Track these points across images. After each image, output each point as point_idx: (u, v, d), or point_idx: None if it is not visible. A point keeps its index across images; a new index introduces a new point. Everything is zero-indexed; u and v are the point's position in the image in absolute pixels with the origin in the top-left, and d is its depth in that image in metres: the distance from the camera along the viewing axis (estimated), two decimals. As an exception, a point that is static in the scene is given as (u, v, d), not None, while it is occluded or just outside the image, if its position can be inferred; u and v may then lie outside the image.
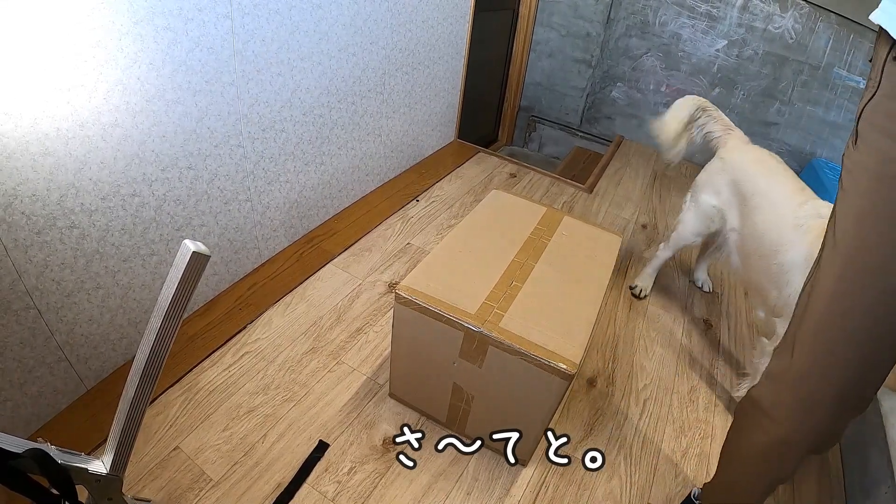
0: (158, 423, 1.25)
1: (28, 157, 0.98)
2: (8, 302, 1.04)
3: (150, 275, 1.33)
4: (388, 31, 1.88)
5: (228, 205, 1.51)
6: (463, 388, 1.21)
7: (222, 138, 1.39)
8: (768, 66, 2.53)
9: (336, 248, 1.89)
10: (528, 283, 1.20)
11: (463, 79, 2.54)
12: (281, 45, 1.45)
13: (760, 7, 2.42)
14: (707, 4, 2.53)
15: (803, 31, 2.39)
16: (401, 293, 1.13)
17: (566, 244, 1.36)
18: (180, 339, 1.46)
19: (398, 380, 1.35)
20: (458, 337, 1.11)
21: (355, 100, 1.86)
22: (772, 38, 2.46)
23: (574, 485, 1.27)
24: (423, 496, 1.19)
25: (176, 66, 1.19)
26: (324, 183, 1.89)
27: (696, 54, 2.67)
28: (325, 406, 1.35)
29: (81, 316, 1.20)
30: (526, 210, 1.48)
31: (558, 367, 1.01)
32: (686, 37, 2.65)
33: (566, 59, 3.05)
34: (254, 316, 1.57)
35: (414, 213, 2.15)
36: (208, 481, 1.16)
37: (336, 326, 1.58)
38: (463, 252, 1.27)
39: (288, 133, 1.62)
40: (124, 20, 1.04)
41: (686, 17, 2.61)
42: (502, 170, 2.58)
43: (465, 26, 2.37)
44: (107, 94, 1.07)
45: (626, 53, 2.85)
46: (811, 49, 2.41)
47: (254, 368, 1.42)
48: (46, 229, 1.06)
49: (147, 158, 1.21)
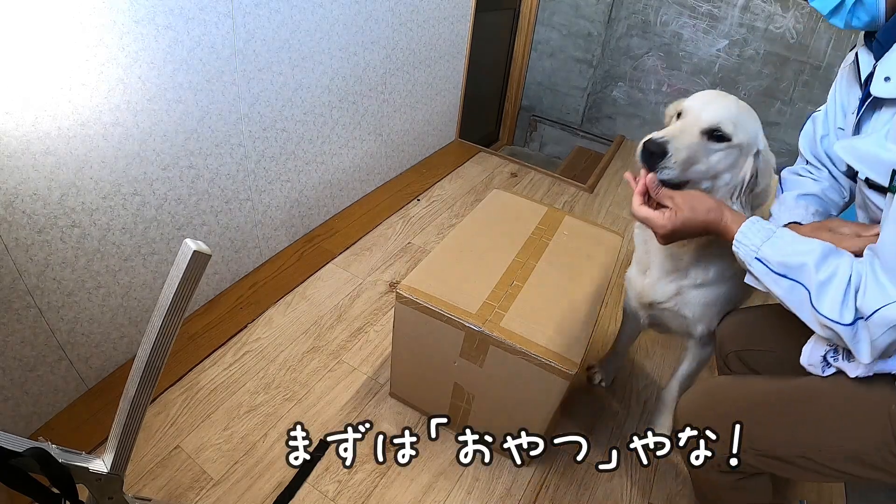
0: (159, 423, 1.26)
1: (29, 155, 0.98)
2: (9, 301, 1.04)
3: (150, 274, 1.33)
4: (390, 31, 1.87)
5: (229, 204, 1.51)
6: (463, 388, 1.21)
7: (223, 137, 1.39)
8: (769, 66, 2.52)
9: (337, 247, 1.89)
10: (528, 282, 1.20)
11: (464, 78, 2.54)
12: (282, 44, 1.45)
13: (762, 7, 2.42)
14: (708, 4, 2.53)
15: (804, 31, 2.38)
16: (402, 293, 1.13)
17: (567, 244, 1.36)
18: (181, 339, 1.46)
19: (399, 379, 1.35)
20: (459, 336, 1.11)
21: (356, 99, 1.86)
22: (773, 37, 2.46)
23: (574, 485, 1.26)
24: (423, 495, 1.19)
25: (177, 65, 1.19)
26: (325, 182, 1.89)
27: (698, 54, 2.67)
28: (326, 405, 1.35)
29: (82, 315, 1.20)
30: (527, 210, 1.48)
31: (559, 366, 1.01)
32: (687, 36, 2.65)
33: (567, 58, 3.05)
34: (255, 315, 1.57)
35: (415, 213, 2.15)
36: (209, 480, 1.16)
37: (337, 326, 1.58)
38: (464, 252, 1.27)
39: (289, 132, 1.62)
40: (125, 19, 1.04)
41: (687, 17, 2.61)
42: (503, 169, 2.58)
43: (466, 26, 2.36)
44: (108, 92, 1.07)
45: (628, 53, 2.85)
46: (812, 49, 2.41)
47: (254, 368, 1.42)
48: (47, 228, 1.06)
49: (148, 157, 1.21)
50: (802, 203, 0.91)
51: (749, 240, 0.72)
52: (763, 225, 0.73)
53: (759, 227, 0.73)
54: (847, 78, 0.80)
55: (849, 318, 0.63)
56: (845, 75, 0.81)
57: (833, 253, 0.66)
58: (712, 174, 0.89)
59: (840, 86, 0.84)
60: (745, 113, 0.91)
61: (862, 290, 0.62)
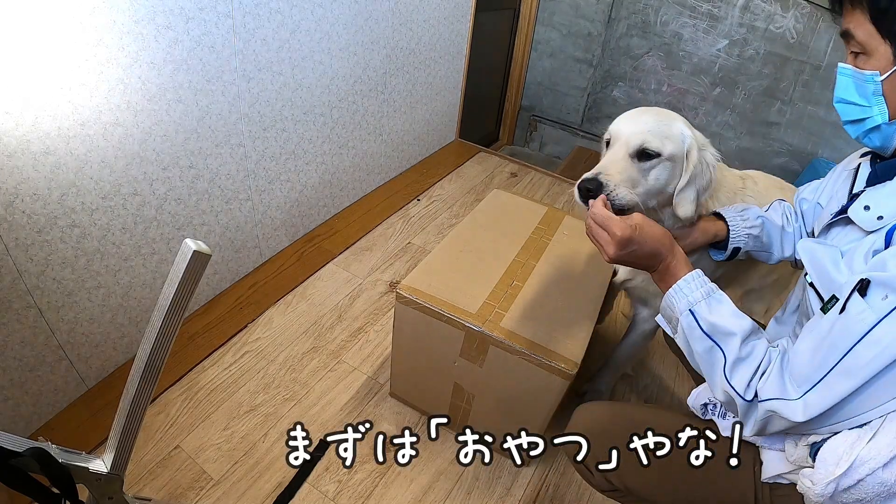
0: (159, 423, 1.26)
1: (29, 155, 0.98)
2: (9, 301, 1.04)
3: (150, 274, 1.33)
4: (390, 31, 1.87)
5: (229, 204, 1.51)
6: (464, 388, 1.21)
7: (223, 137, 1.39)
8: (770, 66, 2.52)
9: (337, 247, 1.89)
10: (529, 282, 1.20)
11: (464, 78, 2.54)
12: (282, 44, 1.45)
13: (762, 7, 2.42)
14: (708, 4, 2.53)
15: (804, 30, 2.38)
16: (402, 292, 1.13)
17: (567, 243, 1.36)
18: (181, 339, 1.46)
19: (399, 379, 1.35)
20: (459, 336, 1.11)
21: (356, 99, 1.86)
22: (773, 37, 2.45)
23: (575, 484, 1.26)
24: (423, 495, 1.19)
25: (177, 65, 1.19)
26: (325, 182, 1.89)
27: (698, 54, 2.66)
28: (326, 405, 1.35)
29: (82, 315, 1.20)
30: (527, 209, 1.48)
31: (559, 366, 1.01)
32: (687, 36, 2.65)
33: (567, 58, 3.05)
34: (254, 315, 1.57)
35: (415, 213, 2.15)
36: (209, 480, 1.16)
37: (337, 326, 1.58)
38: (464, 251, 1.27)
39: (289, 132, 1.62)
40: (125, 19, 1.04)
41: (687, 17, 2.61)
42: (503, 169, 2.58)
43: (466, 26, 2.36)
44: (108, 92, 1.07)
45: (628, 53, 2.85)
46: (812, 49, 2.40)
47: (254, 367, 1.42)
48: (47, 228, 1.06)
49: (148, 157, 1.21)
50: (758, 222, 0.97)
51: (691, 290, 0.73)
52: (706, 281, 0.75)
53: (703, 282, 0.74)
54: (843, 179, 0.82)
55: (750, 396, 0.68)
56: (843, 175, 0.83)
57: (755, 333, 0.71)
58: (657, 191, 0.91)
59: (835, 178, 0.86)
60: (666, 122, 0.92)
61: (766, 377, 0.67)
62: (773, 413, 0.66)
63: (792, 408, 0.64)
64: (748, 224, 0.96)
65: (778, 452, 0.76)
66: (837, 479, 0.62)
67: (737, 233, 0.96)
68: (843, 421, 0.64)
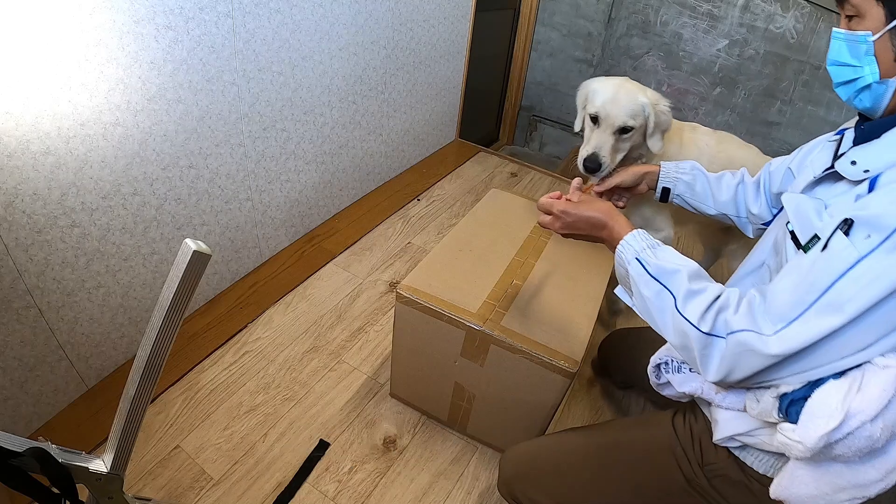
0: (159, 422, 1.25)
1: (29, 155, 0.98)
2: (9, 301, 1.04)
3: (150, 274, 1.33)
4: (390, 31, 1.87)
5: (229, 204, 1.51)
6: (464, 387, 1.20)
7: (223, 137, 1.39)
8: (770, 66, 2.52)
9: (337, 247, 1.89)
10: (528, 281, 1.20)
11: (464, 78, 2.54)
12: (282, 44, 1.45)
13: (762, 7, 2.42)
14: (708, 4, 2.53)
15: (805, 30, 2.38)
16: (402, 292, 1.13)
17: (566, 242, 1.36)
18: (181, 338, 1.46)
19: (399, 379, 1.35)
20: (460, 336, 1.11)
21: (356, 99, 1.86)
22: (773, 37, 2.45)
23: (575, 484, 1.26)
24: (423, 495, 1.19)
25: (177, 65, 1.19)
26: (325, 182, 1.89)
27: (698, 54, 2.66)
28: (326, 405, 1.35)
29: (82, 315, 1.20)
30: (526, 209, 1.48)
31: (560, 365, 1.01)
32: (687, 36, 2.65)
33: (567, 58, 3.05)
34: (254, 315, 1.57)
35: (415, 213, 2.15)
36: (209, 480, 1.16)
37: (337, 326, 1.58)
38: (464, 251, 1.27)
39: (289, 132, 1.62)
40: (125, 19, 1.04)
41: (687, 17, 2.61)
42: (503, 169, 2.58)
43: (466, 26, 2.36)
44: (108, 92, 1.07)
45: (628, 53, 2.85)
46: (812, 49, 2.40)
47: (254, 367, 1.42)
48: (47, 228, 1.06)
49: (148, 157, 1.21)
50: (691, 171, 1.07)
51: (636, 242, 0.78)
52: (649, 236, 0.79)
53: (646, 236, 0.79)
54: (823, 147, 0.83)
55: (706, 327, 0.67)
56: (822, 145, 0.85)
57: (705, 275, 0.74)
58: (632, 147, 1.23)
59: (809, 148, 0.89)
60: (634, 100, 1.18)
61: (732, 312, 0.67)
62: (743, 347, 0.64)
63: (765, 341, 0.62)
64: (680, 171, 1.08)
65: (735, 413, 0.75)
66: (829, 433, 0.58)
67: (666, 174, 1.08)
68: (816, 367, 0.62)
